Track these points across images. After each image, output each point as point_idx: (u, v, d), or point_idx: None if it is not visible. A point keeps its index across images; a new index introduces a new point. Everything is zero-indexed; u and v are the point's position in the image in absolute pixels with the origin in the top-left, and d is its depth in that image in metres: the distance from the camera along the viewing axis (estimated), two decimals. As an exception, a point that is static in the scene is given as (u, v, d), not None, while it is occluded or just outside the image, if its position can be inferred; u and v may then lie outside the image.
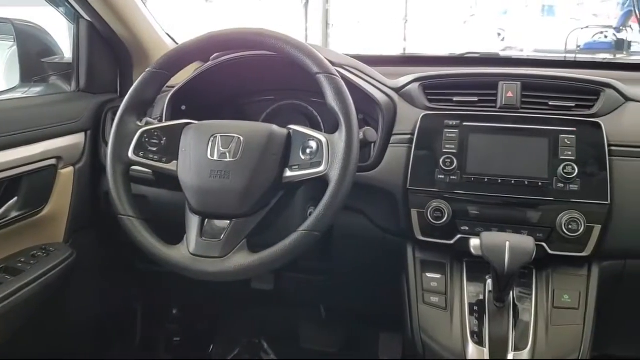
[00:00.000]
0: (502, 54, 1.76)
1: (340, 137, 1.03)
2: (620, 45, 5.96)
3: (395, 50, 8.94)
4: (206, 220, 1.07)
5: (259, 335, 1.95)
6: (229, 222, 1.05)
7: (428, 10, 9.51)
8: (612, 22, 7.68)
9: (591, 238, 1.12)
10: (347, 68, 1.29)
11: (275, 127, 1.10)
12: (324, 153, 1.03)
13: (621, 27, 6.56)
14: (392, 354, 1.76)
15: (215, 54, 1.35)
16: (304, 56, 1.07)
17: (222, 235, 1.04)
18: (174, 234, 1.10)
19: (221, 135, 1.09)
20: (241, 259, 1.03)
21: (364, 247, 1.34)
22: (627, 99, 1.24)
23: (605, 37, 6.77)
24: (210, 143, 1.08)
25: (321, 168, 1.03)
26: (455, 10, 9.88)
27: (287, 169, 1.07)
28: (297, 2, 8.48)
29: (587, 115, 1.20)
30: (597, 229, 1.11)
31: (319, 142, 1.05)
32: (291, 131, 1.10)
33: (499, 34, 9.31)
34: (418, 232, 1.20)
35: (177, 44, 1.60)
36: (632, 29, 6.21)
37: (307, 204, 1.22)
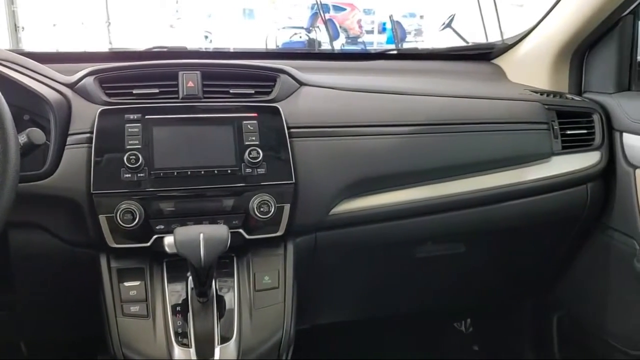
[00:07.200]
0: (190, 47, 1.71)
1: None
2: (312, 43, 6.67)
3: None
4: None
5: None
6: None
7: (132, 14, 9.22)
8: (304, 23, 8.51)
9: (282, 217, 1.15)
10: (3, 62, 1.11)
11: None
12: None
13: (311, 28, 7.34)
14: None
15: None
16: None
17: None
18: None
19: None
20: None
21: (51, 267, 1.17)
22: (301, 83, 1.31)
23: (300, 37, 7.49)
24: None
25: None
26: (160, 13, 9.78)
27: None
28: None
29: (266, 100, 1.24)
30: (287, 207, 1.15)
31: None
32: None
33: (207, 37, 9.55)
34: (110, 239, 1.09)
35: None
36: (320, 29, 6.98)
37: None
